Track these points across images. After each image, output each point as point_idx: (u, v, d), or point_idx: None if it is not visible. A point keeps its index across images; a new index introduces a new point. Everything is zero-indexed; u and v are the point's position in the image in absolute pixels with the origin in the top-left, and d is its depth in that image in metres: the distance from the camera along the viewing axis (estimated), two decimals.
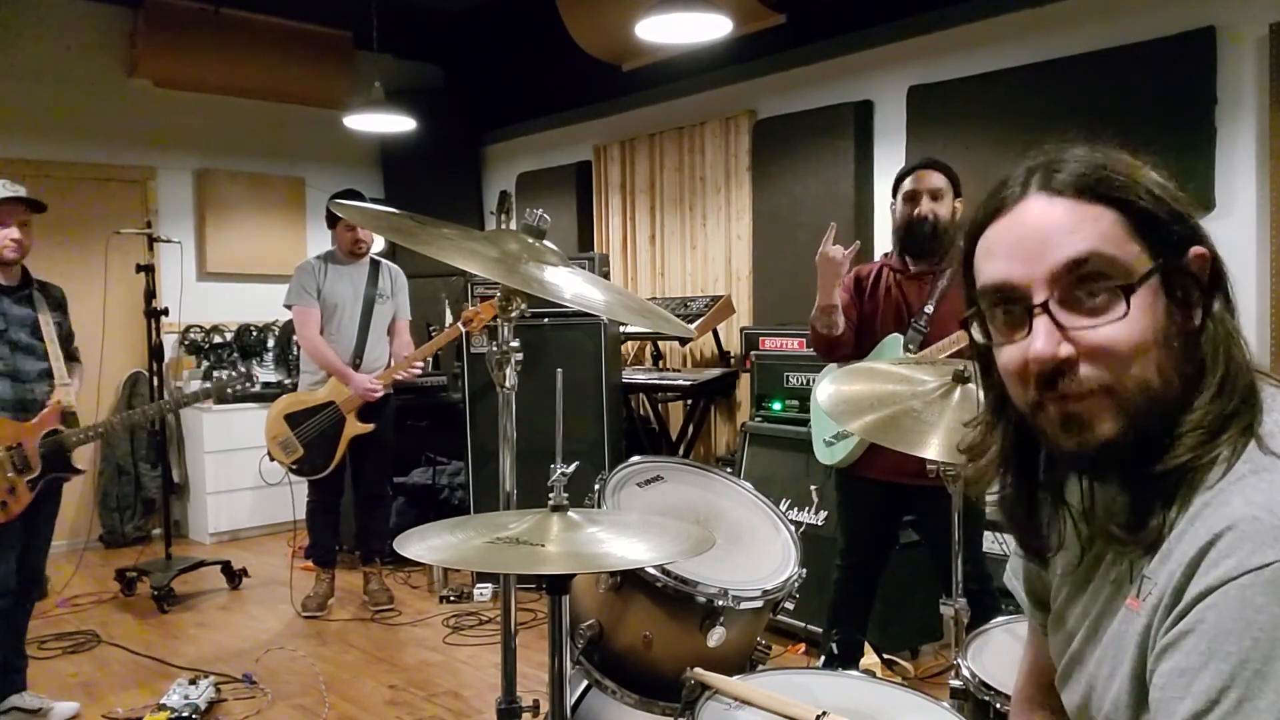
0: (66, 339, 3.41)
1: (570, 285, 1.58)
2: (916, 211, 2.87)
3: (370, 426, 4.38)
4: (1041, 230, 0.89)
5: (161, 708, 3.20)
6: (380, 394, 4.36)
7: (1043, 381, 0.89)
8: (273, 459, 4.48)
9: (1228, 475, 0.83)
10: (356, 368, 4.39)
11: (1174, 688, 0.78)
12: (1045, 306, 0.88)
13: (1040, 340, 0.87)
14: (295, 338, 4.93)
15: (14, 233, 3.15)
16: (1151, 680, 0.83)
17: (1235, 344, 0.89)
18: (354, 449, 4.43)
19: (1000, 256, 0.92)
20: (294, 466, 4.42)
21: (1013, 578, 1.20)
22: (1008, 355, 0.92)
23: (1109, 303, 0.86)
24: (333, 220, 4.45)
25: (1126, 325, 0.85)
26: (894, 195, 2.97)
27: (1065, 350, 0.87)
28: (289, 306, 4.46)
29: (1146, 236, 0.88)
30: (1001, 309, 0.92)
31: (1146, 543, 0.87)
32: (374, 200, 6.01)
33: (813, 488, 3.83)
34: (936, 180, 2.89)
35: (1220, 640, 0.76)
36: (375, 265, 4.57)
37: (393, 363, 4.50)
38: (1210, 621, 0.77)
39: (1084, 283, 0.87)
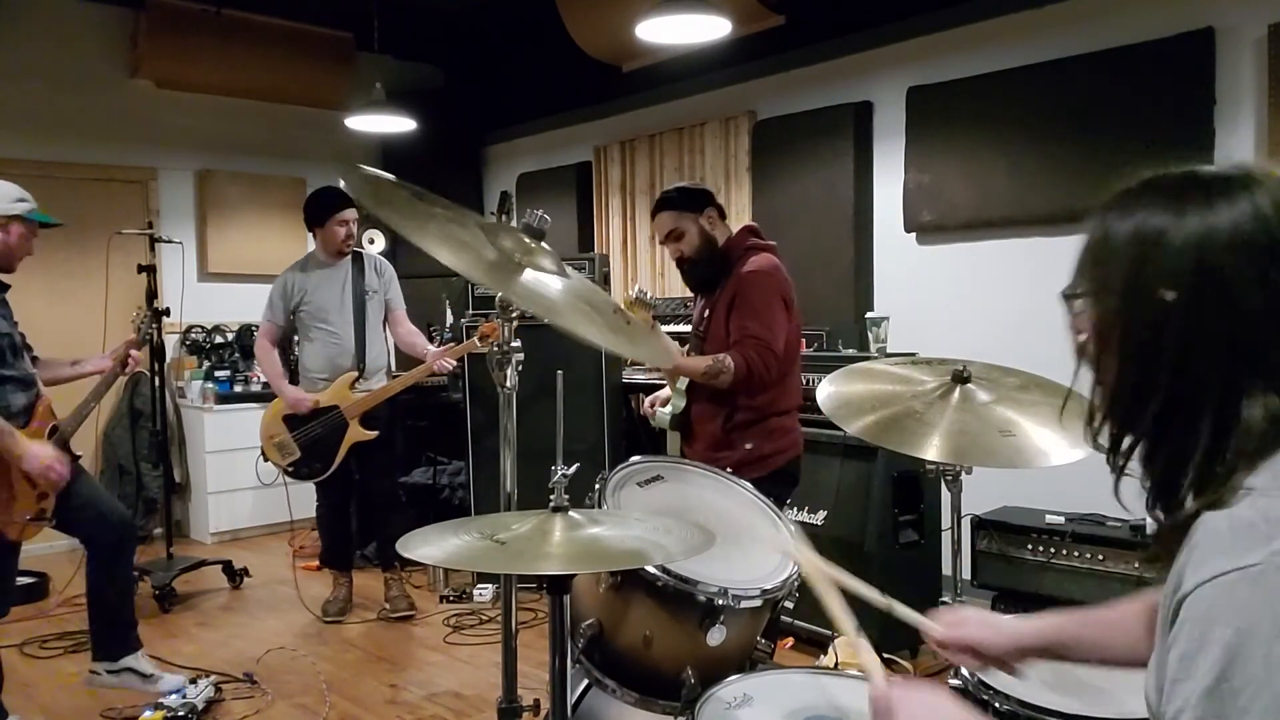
0: None
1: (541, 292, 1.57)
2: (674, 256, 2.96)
3: (374, 434, 4.29)
4: None
5: (159, 707, 3.20)
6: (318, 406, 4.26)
7: None
8: (267, 459, 4.43)
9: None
10: (361, 372, 4.32)
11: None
12: None
13: None
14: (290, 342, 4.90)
15: None
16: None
17: None
18: (359, 455, 4.34)
19: None
20: (289, 469, 4.37)
21: None
22: None
23: None
24: (318, 218, 4.29)
25: None
26: None
27: None
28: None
29: None
30: None
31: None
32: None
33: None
34: (665, 222, 2.92)
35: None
36: (358, 260, 4.40)
37: (425, 353, 4.30)
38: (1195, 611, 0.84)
39: None
